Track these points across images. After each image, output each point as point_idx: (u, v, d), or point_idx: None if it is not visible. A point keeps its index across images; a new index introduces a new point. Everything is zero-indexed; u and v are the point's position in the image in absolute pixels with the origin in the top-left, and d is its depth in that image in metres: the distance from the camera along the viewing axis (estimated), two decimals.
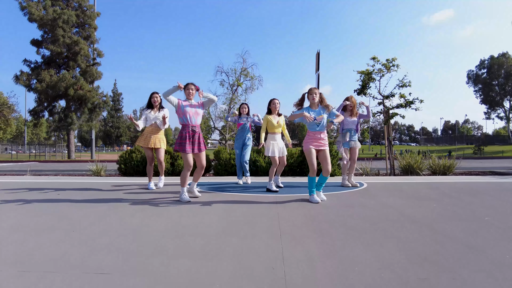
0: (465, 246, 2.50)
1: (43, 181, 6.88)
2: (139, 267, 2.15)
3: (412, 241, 2.63)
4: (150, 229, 3.03)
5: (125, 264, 2.19)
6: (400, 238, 2.70)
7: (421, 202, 4.27)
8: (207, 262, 2.21)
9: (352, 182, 5.93)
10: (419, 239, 2.68)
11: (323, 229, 3.00)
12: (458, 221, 3.31)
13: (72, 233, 2.92)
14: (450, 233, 2.85)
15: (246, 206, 4.03)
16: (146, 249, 2.46)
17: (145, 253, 2.38)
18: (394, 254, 2.34)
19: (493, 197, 4.66)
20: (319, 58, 8.71)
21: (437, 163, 8.33)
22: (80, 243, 2.63)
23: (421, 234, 2.84)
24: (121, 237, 2.78)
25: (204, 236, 2.79)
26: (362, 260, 2.23)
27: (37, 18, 26.37)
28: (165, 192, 5.20)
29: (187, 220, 3.35)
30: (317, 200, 4.24)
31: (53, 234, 2.87)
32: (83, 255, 2.36)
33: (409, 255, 2.33)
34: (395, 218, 3.39)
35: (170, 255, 2.35)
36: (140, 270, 2.10)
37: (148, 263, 2.20)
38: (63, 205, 4.16)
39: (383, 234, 2.84)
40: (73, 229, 3.03)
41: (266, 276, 2.01)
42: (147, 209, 3.87)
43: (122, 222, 3.27)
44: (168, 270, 2.10)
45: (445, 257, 2.29)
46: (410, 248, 2.46)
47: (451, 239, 2.68)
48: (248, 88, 18.36)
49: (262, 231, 2.91)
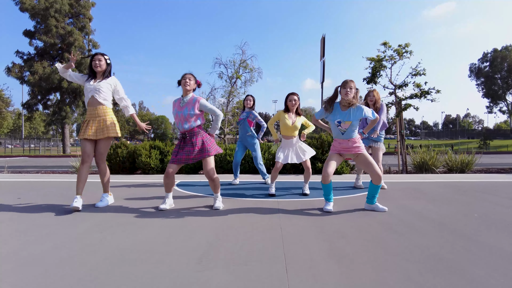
0: (501, 257, 1.75)
1: (12, 181, 6.13)
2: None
3: (461, 263, 1.88)
4: (115, 247, 2.28)
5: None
6: (442, 256, 1.95)
7: (443, 205, 3.52)
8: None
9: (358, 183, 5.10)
10: (470, 258, 1.93)
11: (338, 247, 2.25)
12: (485, 226, 2.61)
13: (33, 243, 2.16)
14: (481, 240, 2.10)
15: (242, 215, 3.28)
16: (104, 276, 1.71)
17: (107, 283, 1.63)
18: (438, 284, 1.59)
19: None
20: (324, 44, 7.91)
21: (454, 159, 7.58)
22: (41, 255, 1.88)
23: (468, 250, 2.09)
24: (85, 252, 2.04)
25: (181, 264, 2.03)
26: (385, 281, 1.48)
27: (29, 7, 25.42)
28: (147, 195, 4.44)
29: (161, 237, 2.60)
30: (329, 209, 3.41)
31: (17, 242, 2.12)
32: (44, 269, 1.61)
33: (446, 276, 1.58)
34: (425, 227, 2.64)
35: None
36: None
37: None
38: (16, 212, 3.40)
39: (417, 250, 2.09)
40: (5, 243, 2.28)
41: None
42: (118, 220, 3.12)
43: (87, 236, 2.51)
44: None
45: (479, 268, 1.54)
46: (464, 275, 1.70)
47: (485, 248, 1.93)
48: (247, 81, 17.55)
49: (260, 254, 2.16)
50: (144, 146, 7.09)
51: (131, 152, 7.12)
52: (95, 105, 3.54)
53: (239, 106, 17.77)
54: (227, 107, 15.51)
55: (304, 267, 1.95)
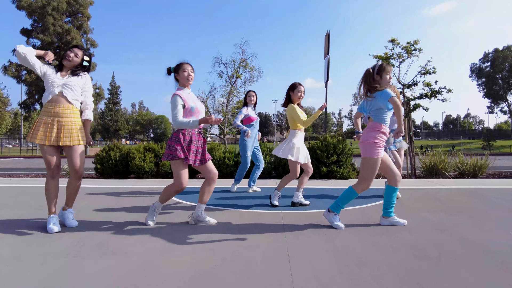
0: None
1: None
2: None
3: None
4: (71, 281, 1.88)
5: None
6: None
7: (476, 221, 3.11)
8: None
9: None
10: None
11: (361, 281, 1.85)
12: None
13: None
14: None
15: (241, 235, 2.88)
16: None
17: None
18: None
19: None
20: (329, 41, 7.50)
21: (466, 162, 7.18)
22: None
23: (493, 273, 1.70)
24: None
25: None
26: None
27: (25, 5, 25.03)
28: (132, 208, 4.04)
29: (140, 269, 2.19)
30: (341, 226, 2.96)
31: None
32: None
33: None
34: (460, 251, 2.24)
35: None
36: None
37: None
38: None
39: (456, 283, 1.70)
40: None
41: None
42: (84, 245, 2.72)
43: (44, 264, 2.11)
44: None
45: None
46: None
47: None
48: (247, 80, 17.16)
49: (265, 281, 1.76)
50: (138, 148, 6.68)
51: (125, 155, 6.71)
52: (62, 103, 2.91)
53: (239, 106, 17.33)
54: (227, 107, 15.13)
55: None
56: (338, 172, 6.36)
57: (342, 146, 6.56)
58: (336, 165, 6.46)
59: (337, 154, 6.51)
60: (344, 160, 6.51)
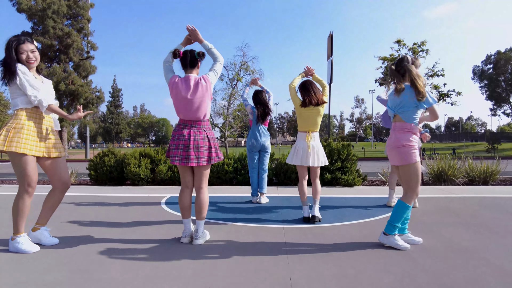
0: None
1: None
2: None
3: None
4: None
5: None
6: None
7: (506, 239, 2.80)
8: None
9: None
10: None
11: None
12: None
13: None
14: None
15: (237, 257, 2.60)
16: None
17: None
18: None
19: None
20: (332, 42, 7.23)
21: (476, 168, 6.86)
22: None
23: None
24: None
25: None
26: None
27: (26, 8, 24.94)
28: (120, 221, 3.76)
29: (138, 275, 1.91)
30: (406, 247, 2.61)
31: None
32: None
33: None
34: (494, 280, 1.93)
35: None
36: None
37: None
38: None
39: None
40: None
41: None
42: (75, 261, 2.44)
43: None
44: None
45: None
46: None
47: None
48: (248, 83, 16.83)
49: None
50: (133, 154, 6.40)
51: (120, 161, 6.43)
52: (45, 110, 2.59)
53: (240, 109, 17.12)
54: (228, 110, 14.88)
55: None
56: (342, 179, 6.05)
57: (347, 151, 6.27)
58: (341, 171, 6.16)
59: (342, 160, 6.21)
60: (349, 167, 6.21)
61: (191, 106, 2.66)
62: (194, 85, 2.66)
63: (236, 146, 33.58)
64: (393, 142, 2.66)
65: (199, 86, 2.67)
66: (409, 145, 2.57)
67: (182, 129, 2.71)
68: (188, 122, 2.71)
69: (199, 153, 2.66)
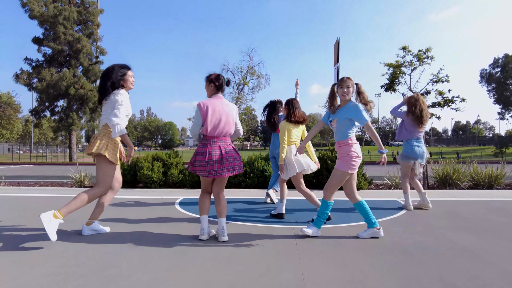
0: None
1: (3, 195, 5.72)
2: None
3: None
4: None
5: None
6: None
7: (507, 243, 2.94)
8: None
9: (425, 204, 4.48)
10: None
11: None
12: None
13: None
14: None
15: (247, 258, 2.78)
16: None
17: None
18: None
19: None
20: (338, 49, 7.41)
21: (481, 172, 6.97)
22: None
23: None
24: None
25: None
26: None
27: (38, 14, 25.52)
28: (137, 219, 3.97)
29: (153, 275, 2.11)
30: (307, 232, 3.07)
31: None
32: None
33: None
34: (499, 282, 2.09)
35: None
36: None
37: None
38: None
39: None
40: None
41: None
42: (81, 264, 2.64)
43: (53, 281, 2.04)
44: None
45: None
46: None
47: None
48: (254, 87, 17.15)
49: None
50: (146, 157, 6.64)
51: (133, 164, 6.67)
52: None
53: (247, 113, 17.29)
54: None
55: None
56: None
57: None
58: None
59: None
60: None
61: (225, 122, 3.03)
62: (226, 104, 3.10)
63: (242, 149, 33.69)
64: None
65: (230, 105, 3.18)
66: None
67: (213, 145, 2.99)
68: (217, 138, 3.02)
69: (232, 164, 2.99)
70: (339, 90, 3.04)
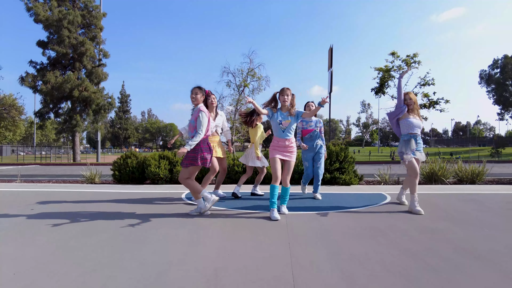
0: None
1: (25, 190, 6.25)
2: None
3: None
4: (129, 261, 2.32)
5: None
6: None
7: (469, 226, 3.44)
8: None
9: (402, 199, 4.67)
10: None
11: (353, 276, 2.24)
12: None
13: (31, 269, 2.22)
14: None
15: (248, 235, 3.30)
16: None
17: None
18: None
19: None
20: (332, 55, 7.93)
21: (464, 169, 7.47)
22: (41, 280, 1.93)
23: (492, 279, 2.07)
24: (91, 274, 2.09)
25: (197, 271, 2.06)
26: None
27: (43, 19, 26.11)
28: (160, 204, 4.49)
29: (174, 250, 2.63)
30: (277, 217, 3.72)
31: (14, 266, 2.18)
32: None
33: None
34: (447, 253, 2.59)
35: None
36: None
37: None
38: (33, 226, 3.48)
39: (439, 284, 2.07)
40: (36, 260, 2.34)
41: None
42: (130, 233, 3.17)
43: (94, 252, 2.56)
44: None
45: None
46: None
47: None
48: (255, 89, 17.61)
49: (268, 281, 2.17)
50: (153, 156, 7.16)
51: (141, 162, 7.20)
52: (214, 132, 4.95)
53: None
54: (235, 115, 15.61)
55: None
56: (340, 178, 6.73)
57: (345, 154, 6.95)
58: (339, 171, 6.84)
59: (340, 161, 6.89)
60: (347, 167, 6.89)
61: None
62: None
63: (243, 150, 34.26)
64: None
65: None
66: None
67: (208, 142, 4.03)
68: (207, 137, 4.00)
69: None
70: (281, 97, 3.99)
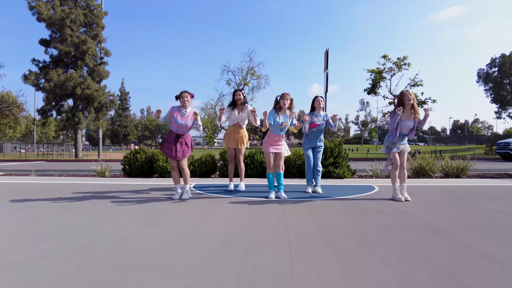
0: (496, 262, 2.26)
1: (45, 183, 6.77)
2: (133, 285, 1.95)
3: (434, 256, 2.38)
4: (147, 240, 2.84)
5: (119, 281, 2.00)
6: (420, 253, 2.46)
7: (437, 208, 4.02)
8: (207, 279, 2.01)
9: (405, 195, 4.66)
10: (441, 253, 2.44)
11: (335, 241, 2.77)
12: (482, 230, 3.05)
13: (65, 242, 2.74)
14: (475, 245, 2.60)
15: (251, 213, 3.83)
16: (141, 264, 2.27)
17: (140, 269, 2.18)
18: (416, 273, 2.10)
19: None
20: (327, 57, 8.44)
21: (450, 165, 8.02)
22: (73, 254, 2.45)
23: (443, 246, 2.60)
24: (116, 248, 2.60)
25: (204, 249, 2.58)
26: (381, 280, 2.00)
27: (46, 17, 26.51)
28: (166, 195, 5.02)
29: (186, 229, 3.16)
30: (273, 197, 4.62)
31: (46, 244, 2.70)
32: (74, 268, 2.18)
33: (432, 272, 2.09)
34: (413, 227, 3.15)
35: (168, 270, 2.15)
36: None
37: (143, 281, 2.00)
38: (61, 210, 4.01)
39: (401, 247, 2.60)
40: (68, 238, 2.86)
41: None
42: (146, 216, 3.69)
43: (118, 231, 3.08)
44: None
45: (475, 276, 2.05)
46: (433, 265, 2.22)
47: (479, 253, 2.44)
48: (254, 87, 18.10)
49: (268, 244, 2.70)
50: (161, 152, 7.68)
51: (149, 157, 7.72)
52: (238, 126, 5.50)
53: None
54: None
55: (304, 258, 2.49)
56: (334, 172, 7.27)
57: (338, 150, 7.48)
58: (333, 166, 7.37)
59: (334, 156, 7.42)
60: (340, 162, 7.42)
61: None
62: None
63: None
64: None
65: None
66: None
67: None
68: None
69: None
70: (281, 101, 4.71)
